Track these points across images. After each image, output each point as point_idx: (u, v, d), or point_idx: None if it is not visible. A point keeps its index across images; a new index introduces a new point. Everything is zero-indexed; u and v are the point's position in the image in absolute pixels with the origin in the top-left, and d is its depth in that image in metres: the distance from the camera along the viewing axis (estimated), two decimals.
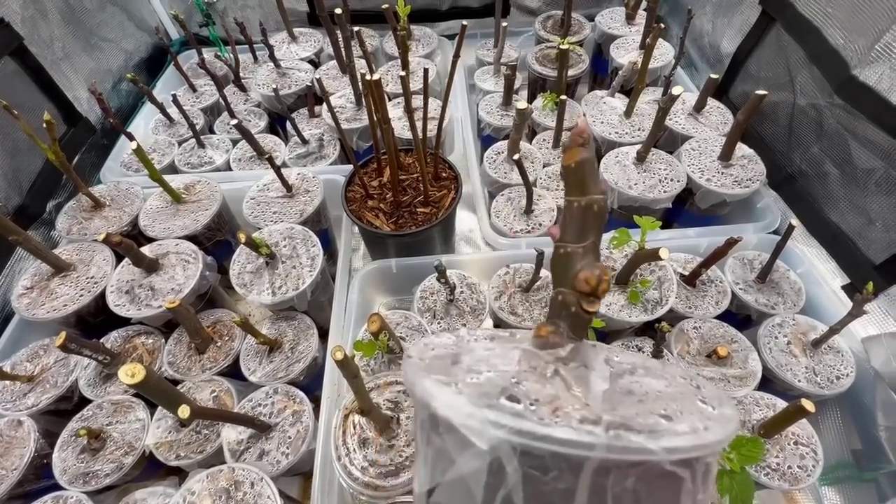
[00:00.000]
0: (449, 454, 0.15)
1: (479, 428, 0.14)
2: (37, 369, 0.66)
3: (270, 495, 0.50)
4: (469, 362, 0.17)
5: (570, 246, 0.17)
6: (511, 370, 0.16)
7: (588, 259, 0.17)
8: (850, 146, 0.69)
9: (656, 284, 0.66)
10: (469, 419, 0.14)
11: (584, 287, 0.16)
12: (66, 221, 0.77)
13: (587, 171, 0.17)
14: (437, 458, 0.15)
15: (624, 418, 0.15)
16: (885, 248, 0.66)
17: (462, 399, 0.15)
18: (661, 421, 0.16)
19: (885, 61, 0.61)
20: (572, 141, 0.17)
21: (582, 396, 0.16)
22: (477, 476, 0.14)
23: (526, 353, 0.17)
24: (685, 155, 0.82)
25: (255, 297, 0.66)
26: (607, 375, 0.17)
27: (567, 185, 0.17)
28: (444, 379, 0.16)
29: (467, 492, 0.15)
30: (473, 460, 0.14)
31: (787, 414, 0.52)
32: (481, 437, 0.14)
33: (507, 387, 0.15)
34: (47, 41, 0.92)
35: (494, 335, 0.21)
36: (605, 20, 1.11)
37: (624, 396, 0.17)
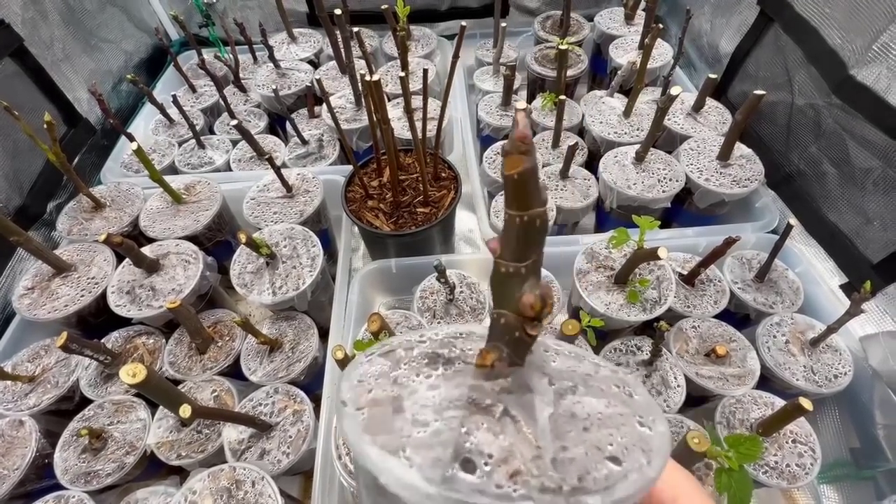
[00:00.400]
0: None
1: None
2: (38, 369, 0.66)
3: (271, 494, 0.50)
4: (413, 410, 0.16)
5: (513, 266, 0.16)
6: (458, 415, 0.16)
7: (531, 280, 0.16)
8: (848, 146, 0.69)
9: (655, 284, 0.66)
10: (428, 500, 0.14)
11: (528, 312, 0.15)
12: (67, 222, 0.77)
13: (530, 181, 0.15)
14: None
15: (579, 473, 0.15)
16: (883, 248, 0.67)
17: (414, 475, 0.14)
18: (612, 468, 0.16)
19: (882, 61, 0.61)
20: (514, 147, 0.14)
21: (532, 438, 0.15)
22: None
23: (472, 388, 0.17)
24: (684, 155, 0.82)
25: (255, 297, 0.66)
26: (551, 398, 0.17)
27: (507, 197, 0.15)
28: (389, 441, 0.15)
29: None
30: None
31: (785, 412, 0.52)
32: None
33: (459, 445, 0.15)
34: (47, 42, 0.92)
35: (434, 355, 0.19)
36: (603, 20, 1.11)
37: (568, 423, 0.16)
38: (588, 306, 0.65)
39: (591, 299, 0.64)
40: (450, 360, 0.19)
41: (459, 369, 0.18)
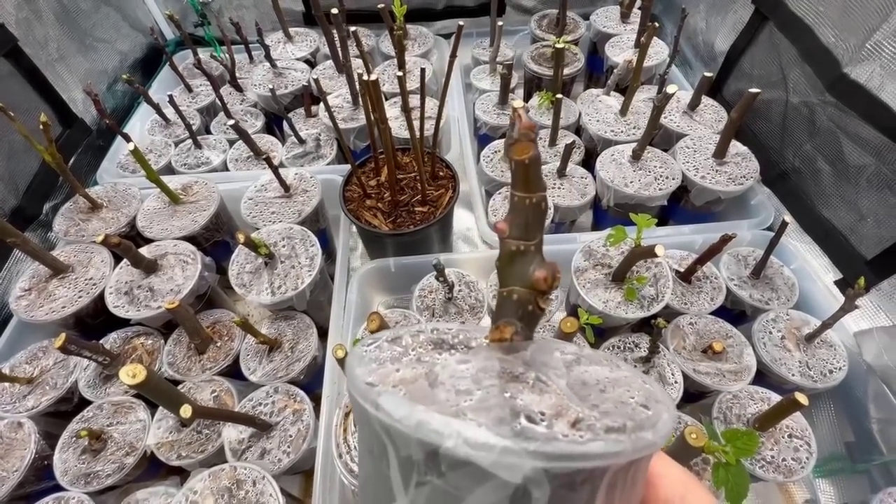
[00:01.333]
0: (454, 493, 0.13)
1: (514, 462, 0.13)
2: (36, 371, 0.66)
3: (272, 493, 0.50)
4: (451, 382, 0.15)
5: (523, 243, 0.17)
6: (497, 383, 0.15)
7: (538, 257, 0.17)
8: (842, 143, 0.69)
9: (652, 281, 0.67)
10: (503, 456, 0.13)
11: (541, 285, 0.16)
12: (64, 223, 0.77)
13: (536, 166, 0.17)
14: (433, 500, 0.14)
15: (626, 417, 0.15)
16: (877, 244, 0.67)
17: (486, 433, 0.13)
18: (646, 412, 0.16)
19: (875, 59, 0.62)
20: (522, 135, 0.16)
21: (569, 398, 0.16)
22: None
23: (500, 360, 0.16)
24: (680, 153, 0.83)
25: (254, 297, 0.66)
26: (563, 370, 0.17)
27: (516, 181, 0.17)
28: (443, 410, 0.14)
29: None
30: (491, 494, 0.13)
31: (781, 407, 0.53)
32: (515, 471, 0.13)
33: (512, 405, 0.15)
34: (42, 42, 0.92)
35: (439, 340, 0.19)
36: (599, 19, 1.12)
37: (584, 388, 0.17)
38: (586, 304, 0.65)
39: (590, 297, 0.65)
40: (454, 346, 0.19)
41: (478, 348, 0.18)
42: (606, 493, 0.14)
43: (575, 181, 0.84)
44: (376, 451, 0.15)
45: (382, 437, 0.15)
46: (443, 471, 0.14)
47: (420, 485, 0.14)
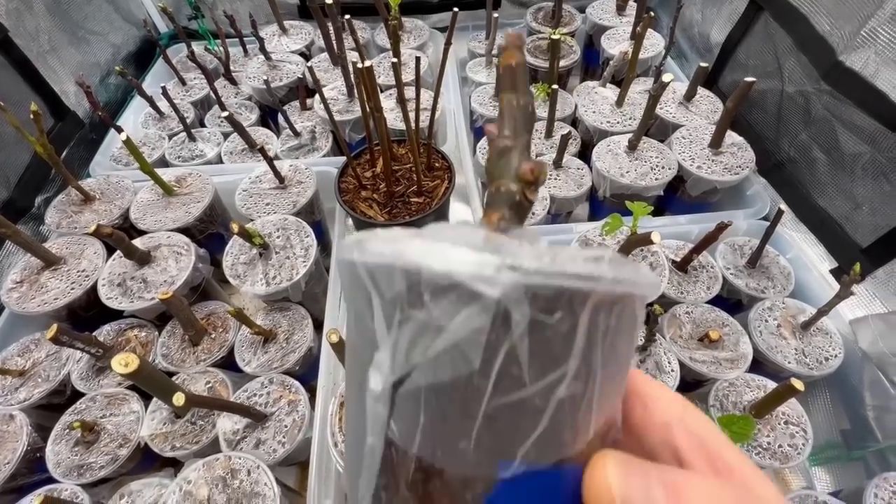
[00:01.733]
0: (436, 324, 0.13)
1: (493, 275, 0.13)
2: (28, 364, 0.65)
3: (267, 482, 0.50)
4: (433, 232, 0.15)
5: (511, 140, 0.18)
6: (483, 235, 0.15)
7: (525, 153, 0.18)
8: (837, 131, 0.70)
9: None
10: (481, 267, 0.13)
11: (528, 176, 0.17)
12: (56, 215, 0.76)
13: (523, 71, 0.18)
14: (416, 336, 0.14)
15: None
16: (872, 232, 0.67)
17: (463, 249, 0.13)
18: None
19: (870, 46, 0.62)
20: (510, 43, 0.17)
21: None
22: (476, 337, 0.13)
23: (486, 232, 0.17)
24: (676, 143, 0.83)
25: (248, 287, 0.65)
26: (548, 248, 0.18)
27: (504, 85, 0.18)
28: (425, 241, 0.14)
29: (460, 360, 0.13)
30: (474, 318, 0.13)
31: (777, 394, 0.53)
32: (494, 283, 0.13)
33: (496, 241, 0.15)
34: (33, 33, 0.91)
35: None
36: (595, 11, 1.11)
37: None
38: None
39: None
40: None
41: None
42: (588, 329, 0.14)
43: (571, 172, 0.84)
44: (361, 305, 0.15)
45: (367, 284, 0.15)
46: (425, 300, 0.14)
47: (403, 322, 0.14)
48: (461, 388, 0.14)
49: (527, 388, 0.14)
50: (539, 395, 0.14)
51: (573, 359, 0.14)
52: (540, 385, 0.14)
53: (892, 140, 0.62)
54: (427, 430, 0.14)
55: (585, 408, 0.15)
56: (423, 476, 0.15)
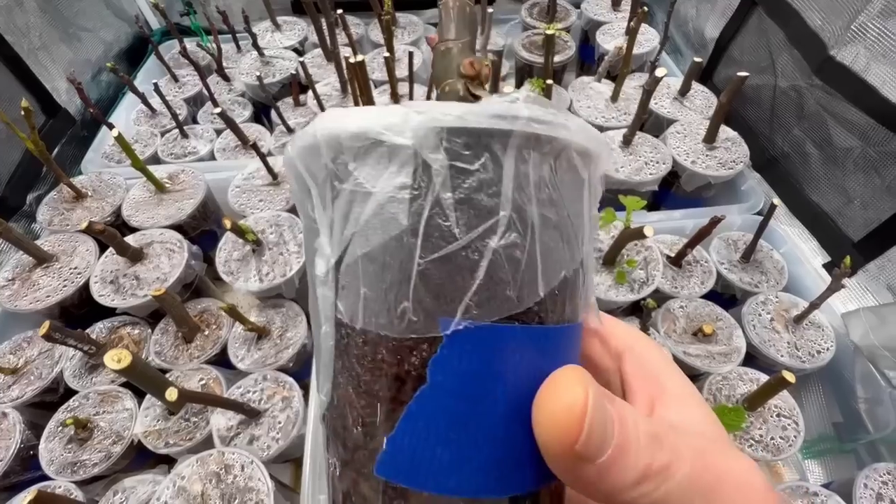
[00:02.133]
0: (363, 190, 0.14)
1: (400, 122, 0.13)
2: (21, 361, 0.65)
3: (261, 477, 0.50)
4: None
5: (451, 42, 0.18)
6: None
7: (466, 51, 0.18)
8: (830, 126, 0.70)
9: (642, 265, 0.67)
10: (389, 116, 0.13)
11: (469, 71, 0.17)
12: (48, 213, 0.76)
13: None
14: (347, 208, 0.14)
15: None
16: (863, 226, 0.68)
17: (375, 109, 0.14)
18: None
19: (860, 41, 0.62)
20: None
21: None
22: (400, 193, 0.13)
23: None
24: (670, 138, 0.83)
25: (241, 284, 0.65)
26: None
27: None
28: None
29: (389, 220, 0.13)
30: (396, 176, 0.13)
31: (769, 386, 0.53)
32: (403, 131, 0.13)
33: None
34: (24, 30, 0.90)
35: None
36: (590, 7, 1.11)
37: None
38: None
39: None
40: None
41: None
42: (515, 176, 0.14)
43: None
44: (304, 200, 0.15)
45: (303, 174, 0.15)
46: (350, 170, 0.14)
47: (335, 198, 0.14)
48: (393, 249, 0.14)
49: (458, 240, 0.14)
50: (471, 247, 0.14)
51: (503, 208, 0.14)
52: (471, 236, 0.13)
53: (882, 134, 0.62)
54: (368, 299, 0.14)
55: (528, 263, 0.14)
56: (372, 349, 0.15)
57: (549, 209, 0.14)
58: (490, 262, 0.14)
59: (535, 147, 0.14)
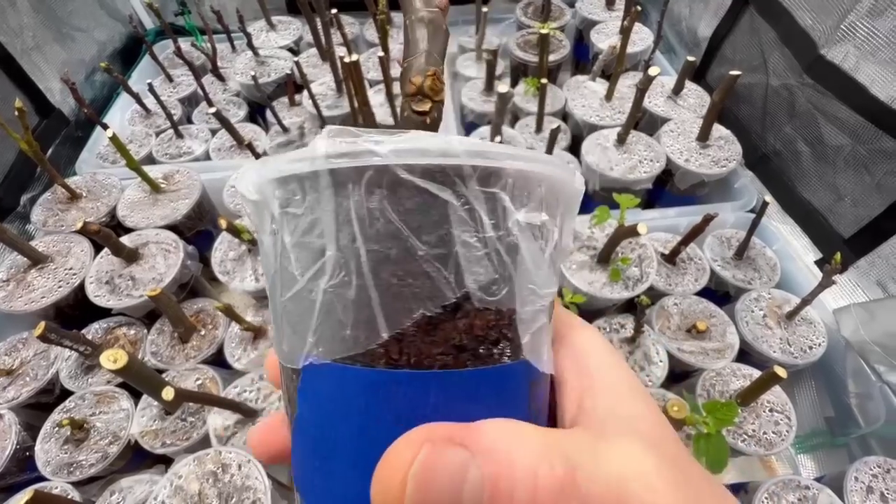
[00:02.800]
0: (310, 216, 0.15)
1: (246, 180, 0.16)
2: (16, 363, 0.65)
3: (258, 476, 0.50)
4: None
5: (408, 60, 0.17)
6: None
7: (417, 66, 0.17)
8: (820, 124, 0.71)
9: (637, 262, 0.67)
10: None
11: (410, 90, 0.16)
12: (42, 213, 0.75)
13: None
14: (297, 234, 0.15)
15: None
16: (854, 223, 0.69)
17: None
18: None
19: (849, 40, 0.63)
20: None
21: None
22: (267, 239, 0.15)
23: None
24: (664, 136, 0.83)
25: (238, 283, 0.65)
26: None
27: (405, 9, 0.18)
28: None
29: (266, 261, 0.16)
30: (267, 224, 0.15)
31: (761, 381, 0.54)
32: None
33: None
34: (17, 30, 0.89)
35: None
36: (585, 6, 1.12)
37: None
38: (571, 285, 0.65)
39: (575, 278, 0.65)
40: None
41: None
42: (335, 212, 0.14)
43: None
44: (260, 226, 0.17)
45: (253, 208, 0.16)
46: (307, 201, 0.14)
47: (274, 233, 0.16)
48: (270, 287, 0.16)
49: (298, 281, 0.15)
50: (308, 287, 0.14)
51: (328, 248, 0.14)
52: (307, 277, 0.14)
53: (872, 132, 0.63)
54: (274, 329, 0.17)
55: (360, 302, 0.14)
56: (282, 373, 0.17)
57: (387, 242, 0.14)
58: (322, 302, 0.14)
59: (355, 180, 0.13)
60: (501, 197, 0.14)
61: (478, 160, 0.14)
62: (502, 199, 0.14)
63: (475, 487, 0.12)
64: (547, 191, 0.15)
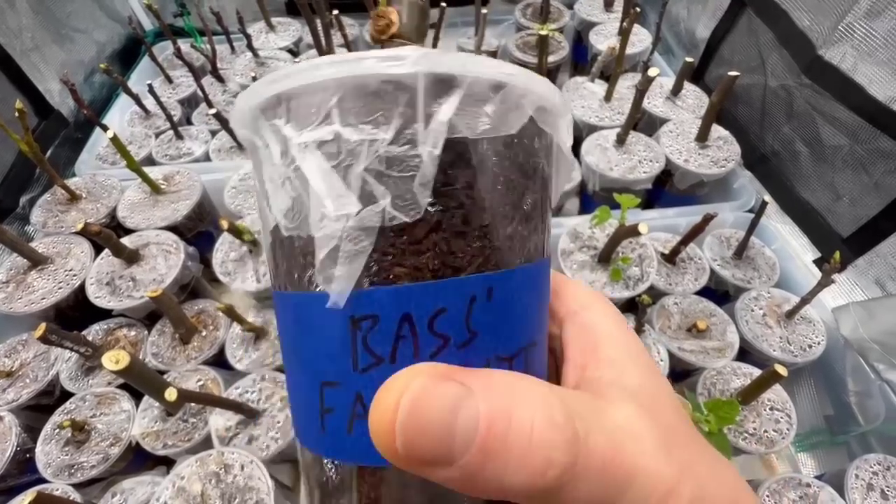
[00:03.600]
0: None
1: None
2: (16, 364, 0.64)
3: (261, 476, 0.50)
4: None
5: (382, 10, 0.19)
6: None
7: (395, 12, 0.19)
8: (819, 125, 0.71)
9: (637, 262, 0.68)
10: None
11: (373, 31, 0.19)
12: (42, 215, 0.75)
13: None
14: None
15: None
16: (852, 222, 0.69)
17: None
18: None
19: (847, 41, 0.63)
20: None
21: None
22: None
23: None
24: (664, 137, 0.84)
25: (239, 284, 0.65)
26: None
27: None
28: None
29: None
30: None
31: (762, 380, 0.54)
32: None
33: None
34: (16, 31, 0.89)
35: None
36: (583, 7, 1.12)
37: None
38: None
39: (576, 278, 0.65)
40: None
41: None
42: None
43: None
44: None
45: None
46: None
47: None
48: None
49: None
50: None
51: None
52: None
53: (870, 132, 0.63)
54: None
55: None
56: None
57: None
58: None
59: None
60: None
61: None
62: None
63: (469, 422, 0.12)
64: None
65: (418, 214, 0.14)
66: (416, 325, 0.14)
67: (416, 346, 0.14)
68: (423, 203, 0.14)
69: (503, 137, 0.15)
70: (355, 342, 0.14)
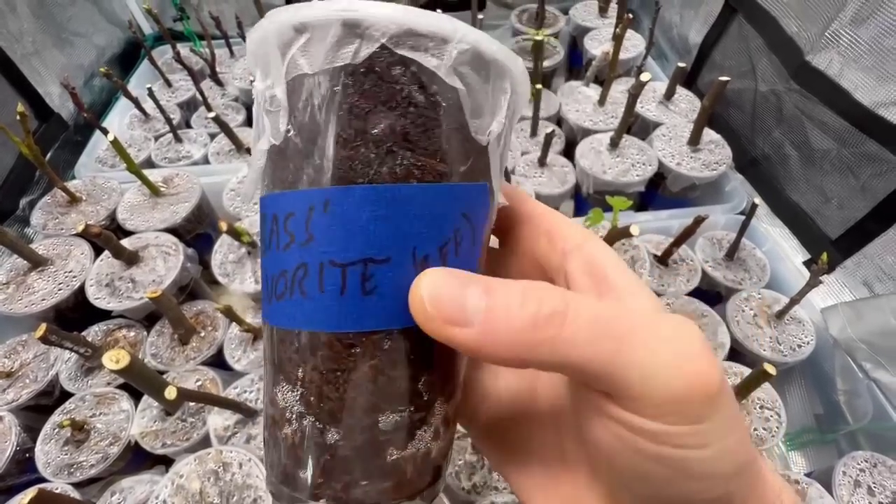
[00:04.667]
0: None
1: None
2: (16, 365, 0.65)
3: (259, 474, 0.51)
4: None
5: None
6: None
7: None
8: (807, 129, 0.73)
9: (630, 263, 0.69)
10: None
11: None
12: (42, 217, 0.76)
13: None
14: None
15: None
16: (841, 224, 0.71)
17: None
18: None
19: (833, 47, 0.65)
20: None
21: None
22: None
23: None
24: (656, 140, 0.85)
25: (237, 286, 0.66)
26: None
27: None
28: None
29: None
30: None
31: (752, 379, 0.55)
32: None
33: None
34: (16, 35, 0.90)
35: None
36: (578, 13, 1.14)
37: None
38: None
39: None
40: None
41: None
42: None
43: (556, 170, 0.86)
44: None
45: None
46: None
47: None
48: None
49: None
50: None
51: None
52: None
53: (856, 137, 0.65)
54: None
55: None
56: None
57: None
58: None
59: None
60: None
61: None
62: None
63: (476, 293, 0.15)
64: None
65: (280, 139, 0.18)
66: (277, 223, 0.18)
67: (278, 239, 0.18)
68: (282, 130, 0.17)
69: (342, 67, 0.17)
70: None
